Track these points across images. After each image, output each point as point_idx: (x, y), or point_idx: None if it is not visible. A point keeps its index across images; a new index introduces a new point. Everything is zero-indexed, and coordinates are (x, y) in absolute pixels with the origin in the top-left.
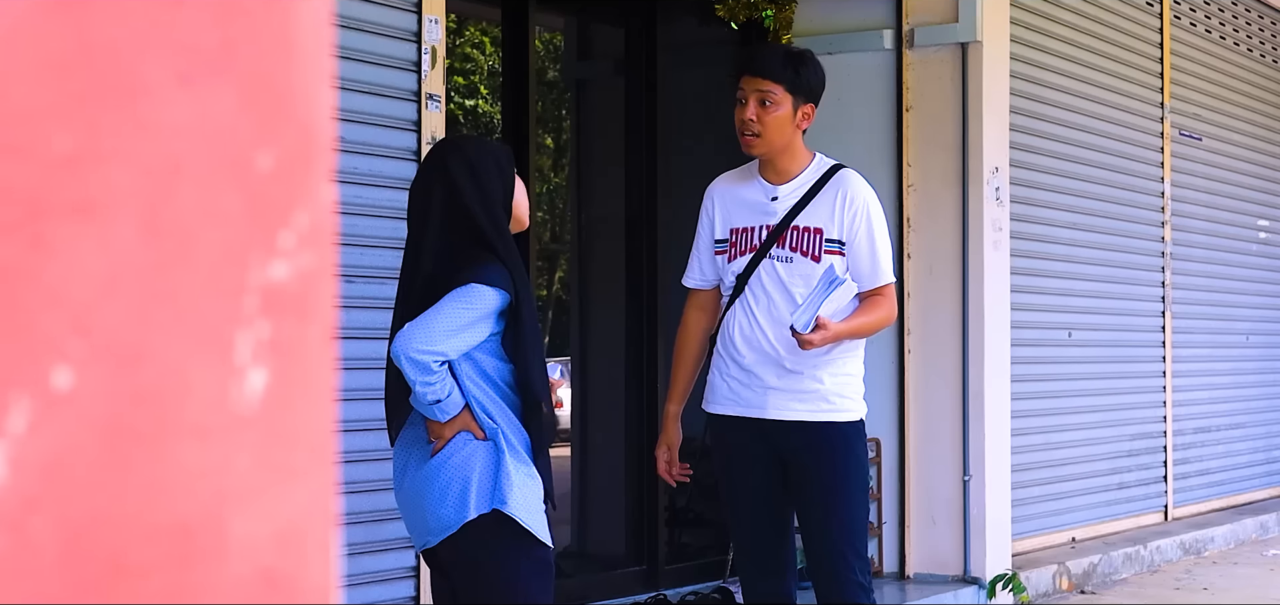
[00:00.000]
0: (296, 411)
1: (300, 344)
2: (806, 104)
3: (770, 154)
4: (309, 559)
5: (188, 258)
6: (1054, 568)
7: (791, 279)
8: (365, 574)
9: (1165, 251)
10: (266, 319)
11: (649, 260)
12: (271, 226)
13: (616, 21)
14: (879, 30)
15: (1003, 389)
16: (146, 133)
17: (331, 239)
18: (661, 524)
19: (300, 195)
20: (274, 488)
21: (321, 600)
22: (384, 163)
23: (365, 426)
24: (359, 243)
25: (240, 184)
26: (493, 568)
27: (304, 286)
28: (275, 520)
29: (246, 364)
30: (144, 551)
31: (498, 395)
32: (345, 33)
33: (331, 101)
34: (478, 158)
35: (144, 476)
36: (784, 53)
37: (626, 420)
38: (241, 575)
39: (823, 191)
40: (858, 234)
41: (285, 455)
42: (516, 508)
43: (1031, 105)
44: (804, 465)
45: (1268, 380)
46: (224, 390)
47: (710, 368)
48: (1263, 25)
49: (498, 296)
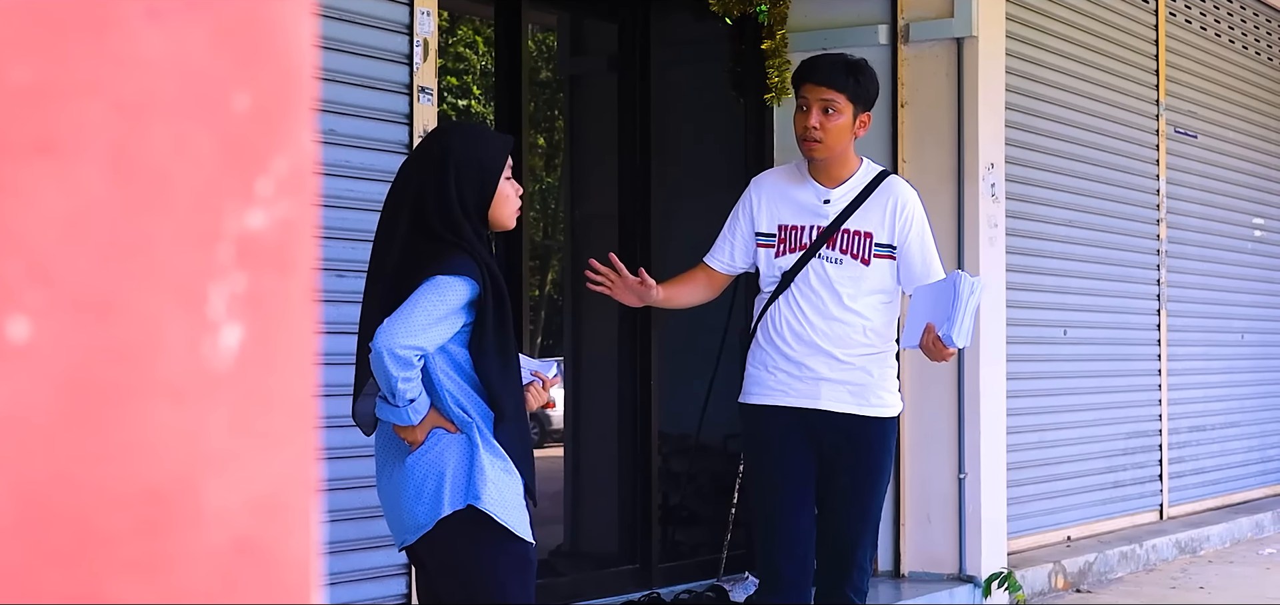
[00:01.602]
0: (275, 371)
1: (279, 299)
2: (864, 112)
3: (829, 159)
4: (289, 529)
5: (158, 202)
6: (1049, 566)
7: (840, 280)
8: (356, 571)
9: (1160, 250)
10: (242, 271)
11: (642, 257)
12: (248, 172)
13: (610, 17)
14: (874, 26)
15: (998, 387)
16: (114, 67)
17: (312, 187)
18: (655, 522)
19: (279, 139)
20: (251, 453)
21: (301, 572)
22: (376, 156)
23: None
24: (351, 237)
25: (215, 126)
26: (470, 564)
27: (282, 237)
28: (252, 487)
29: (221, 319)
30: (111, 518)
31: (471, 388)
32: (336, 25)
33: (313, 41)
34: (463, 149)
35: (111, 437)
36: (845, 62)
37: (619, 418)
38: (216, 545)
39: (873, 196)
40: (909, 239)
41: (263, 418)
42: (491, 503)
43: (1027, 102)
44: (843, 454)
45: (1263, 379)
46: (197, 347)
47: (748, 362)
48: (1258, 23)
49: (467, 287)
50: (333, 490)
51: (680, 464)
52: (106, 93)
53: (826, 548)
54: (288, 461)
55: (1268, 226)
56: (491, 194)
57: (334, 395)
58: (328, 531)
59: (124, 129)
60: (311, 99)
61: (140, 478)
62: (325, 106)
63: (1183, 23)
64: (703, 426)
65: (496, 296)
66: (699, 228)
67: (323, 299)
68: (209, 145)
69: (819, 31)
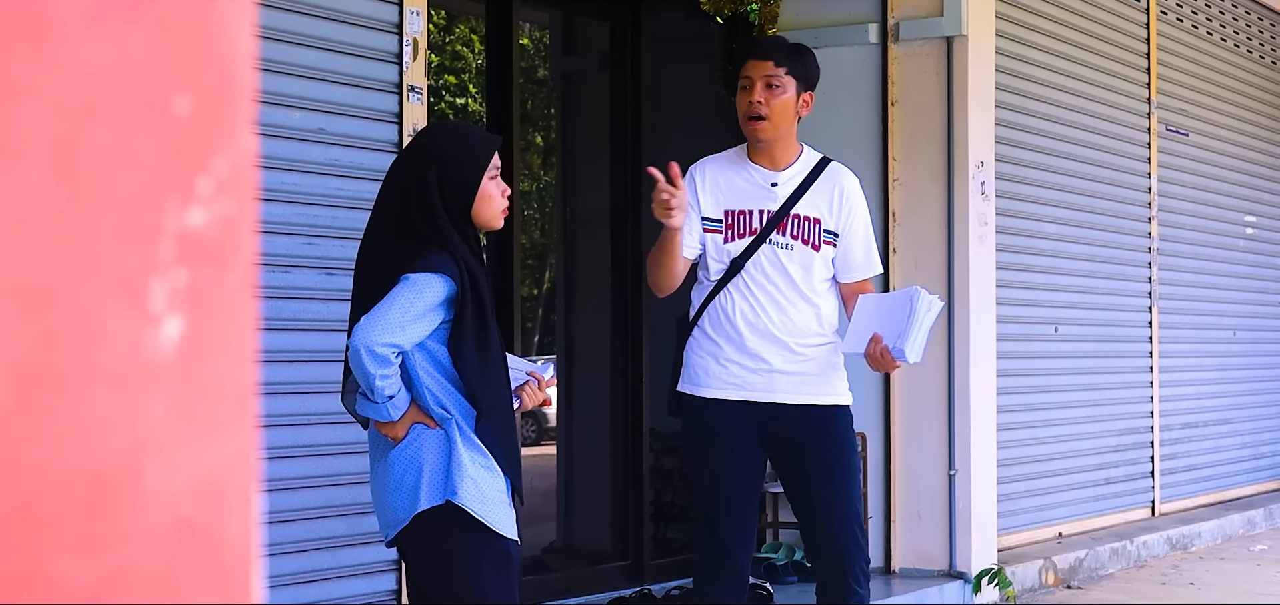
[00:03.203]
0: (215, 361)
1: (218, 293)
2: (807, 92)
3: (774, 139)
4: (229, 511)
5: (100, 200)
6: (1040, 562)
7: (792, 266)
8: (346, 567)
9: (1152, 247)
10: (183, 266)
11: (634, 255)
12: (189, 172)
13: (602, 16)
14: (864, 24)
15: (988, 384)
16: (56, 72)
17: (252, 186)
18: (646, 519)
19: (219, 140)
20: (191, 438)
21: (242, 553)
22: (365, 155)
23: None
24: (342, 234)
25: (156, 127)
26: (447, 560)
27: (222, 234)
28: (193, 471)
29: (162, 311)
30: (54, 499)
31: (452, 384)
32: (325, 24)
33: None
34: (442, 147)
35: (54, 423)
36: (786, 42)
37: (612, 416)
38: (158, 525)
39: (819, 182)
40: (852, 226)
41: (203, 406)
42: (469, 499)
43: (1017, 100)
44: (809, 448)
45: (1255, 376)
46: (139, 337)
47: (689, 350)
48: (1250, 21)
49: (444, 284)
50: (323, 487)
51: (671, 461)
52: (47, 96)
53: (819, 547)
54: (228, 447)
55: (1259, 224)
56: (473, 194)
57: (326, 392)
58: (318, 528)
59: (66, 131)
60: (251, 100)
61: (83, 461)
62: (315, 106)
63: (1174, 21)
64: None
65: (476, 294)
66: None
67: (314, 297)
68: (150, 146)
69: (809, 30)
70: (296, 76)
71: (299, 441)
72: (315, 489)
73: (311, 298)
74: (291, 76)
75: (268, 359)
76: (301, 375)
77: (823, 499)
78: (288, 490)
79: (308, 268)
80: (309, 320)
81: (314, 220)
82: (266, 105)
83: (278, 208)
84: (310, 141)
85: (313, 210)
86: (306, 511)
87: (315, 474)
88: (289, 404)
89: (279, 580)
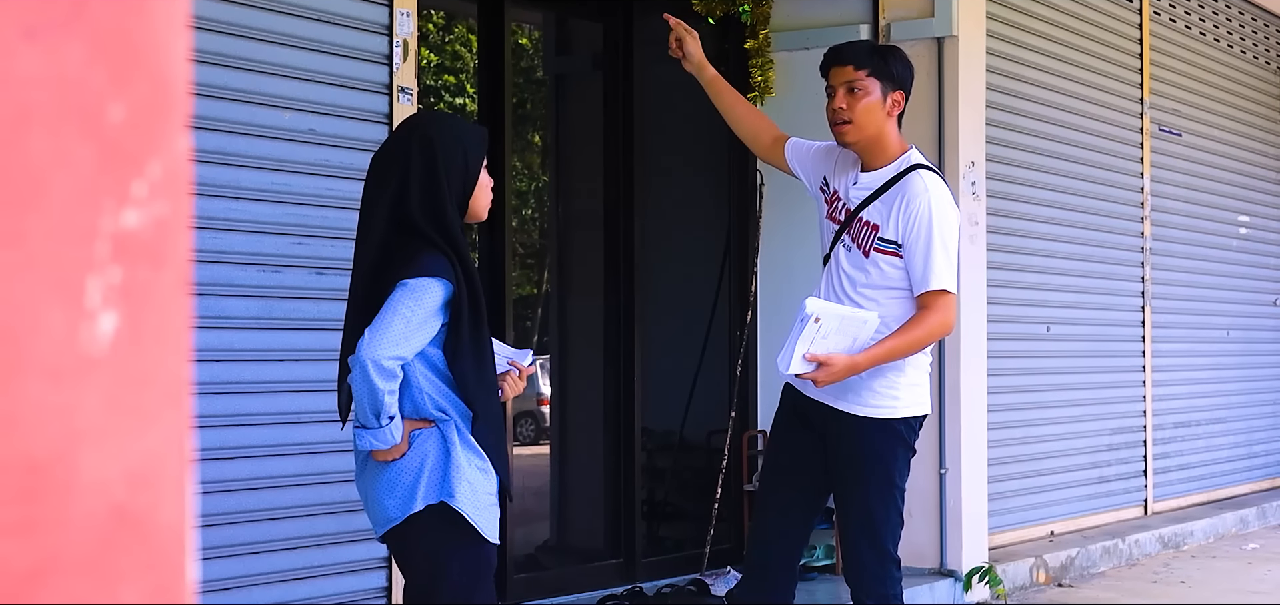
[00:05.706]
0: (148, 355)
1: (153, 290)
2: (896, 91)
3: (863, 142)
4: (163, 498)
5: (38, 203)
6: (1031, 561)
7: (851, 267)
8: (336, 564)
9: (1145, 246)
10: (118, 265)
11: (626, 253)
12: (124, 176)
13: (595, 16)
14: (855, 25)
15: (979, 382)
16: None
17: (186, 188)
18: (639, 517)
19: (154, 145)
20: (125, 428)
21: (176, 538)
22: (356, 155)
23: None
24: (332, 234)
25: (92, 134)
26: (434, 561)
27: (157, 234)
28: (127, 459)
29: (97, 307)
30: None
31: (448, 386)
32: (316, 25)
33: (187, 54)
34: (446, 138)
35: None
36: (869, 43)
37: (605, 414)
38: (93, 511)
39: (891, 189)
40: (914, 237)
41: (137, 397)
42: (464, 502)
43: (1008, 100)
44: (833, 455)
45: (1248, 375)
46: (74, 332)
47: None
48: (1243, 21)
49: (442, 288)
50: (312, 484)
51: (664, 460)
52: None
53: (843, 547)
54: (161, 436)
55: (1252, 223)
56: (474, 184)
57: (320, 391)
58: (308, 525)
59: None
60: (186, 107)
61: (18, 448)
62: (305, 106)
63: (1167, 21)
64: (686, 423)
65: (472, 295)
66: (683, 225)
67: (304, 296)
68: (86, 152)
69: (800, 30)
70: (287, 78)
71: (288, 439)
72: (305, 487)
73: (301, 297)
74: (282, 78)
75: (258, 358)
76: (291, 374)
77: (841, 507)
78: (278, 488)
79: (297, 267)
80: (299, 319)
81: (304, 220)
82: (257, 106)
83: (268, 208)
84: (300, 142)
85: (303, 210)
86: (296, 509)
87: (305, 471)
88: (279, 402)
89: (270, 577)
